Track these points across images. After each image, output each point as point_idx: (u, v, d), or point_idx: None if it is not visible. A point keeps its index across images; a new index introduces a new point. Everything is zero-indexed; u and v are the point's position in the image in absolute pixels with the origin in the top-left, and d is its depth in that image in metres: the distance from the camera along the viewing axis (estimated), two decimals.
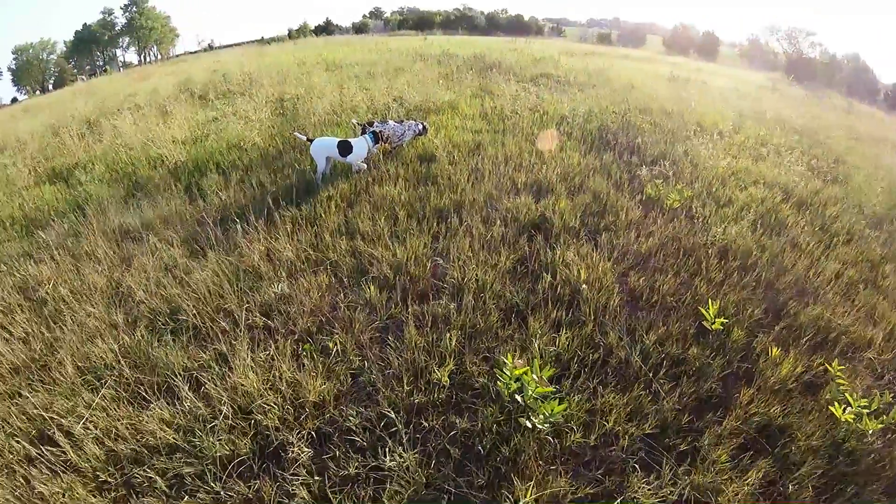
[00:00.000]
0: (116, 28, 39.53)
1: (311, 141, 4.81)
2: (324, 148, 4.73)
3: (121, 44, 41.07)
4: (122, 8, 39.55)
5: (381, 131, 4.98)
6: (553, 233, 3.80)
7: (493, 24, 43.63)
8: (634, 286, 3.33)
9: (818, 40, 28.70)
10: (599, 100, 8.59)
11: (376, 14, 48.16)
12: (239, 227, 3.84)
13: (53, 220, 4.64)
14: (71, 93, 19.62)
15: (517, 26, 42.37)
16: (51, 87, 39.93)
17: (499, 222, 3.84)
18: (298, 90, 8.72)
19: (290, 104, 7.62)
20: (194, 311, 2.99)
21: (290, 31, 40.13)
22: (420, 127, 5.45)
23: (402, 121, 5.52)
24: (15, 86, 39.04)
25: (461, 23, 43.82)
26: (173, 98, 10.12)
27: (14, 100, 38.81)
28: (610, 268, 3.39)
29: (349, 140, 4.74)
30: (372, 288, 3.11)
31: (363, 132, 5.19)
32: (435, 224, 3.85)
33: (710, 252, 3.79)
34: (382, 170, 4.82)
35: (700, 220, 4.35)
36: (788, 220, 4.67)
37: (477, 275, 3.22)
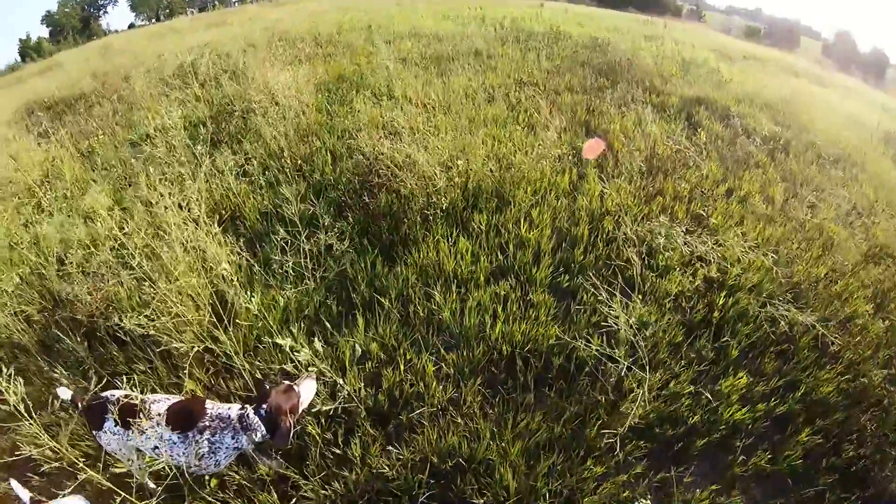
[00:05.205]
0: None
1: None
2: None
3: None
4: None
5: None
6: None
7: None
8: None
9: None
10: (831, 214, 3.92)
11: None
12: None
13: None
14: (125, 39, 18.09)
15: (652, 3, 34.69)
16: (165, 16, 40.65)
17: None
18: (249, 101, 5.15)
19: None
20: None
21: None
22: (259, 434, 1.47)
23: (198, 423, 1.50)
24: (133, 11, 40.20)
25: None
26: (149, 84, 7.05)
27: (131, 25, 40.10)
28: None
29: None
30: None
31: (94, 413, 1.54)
32: None
33: None
34: None
35: None
36: None
37: None
